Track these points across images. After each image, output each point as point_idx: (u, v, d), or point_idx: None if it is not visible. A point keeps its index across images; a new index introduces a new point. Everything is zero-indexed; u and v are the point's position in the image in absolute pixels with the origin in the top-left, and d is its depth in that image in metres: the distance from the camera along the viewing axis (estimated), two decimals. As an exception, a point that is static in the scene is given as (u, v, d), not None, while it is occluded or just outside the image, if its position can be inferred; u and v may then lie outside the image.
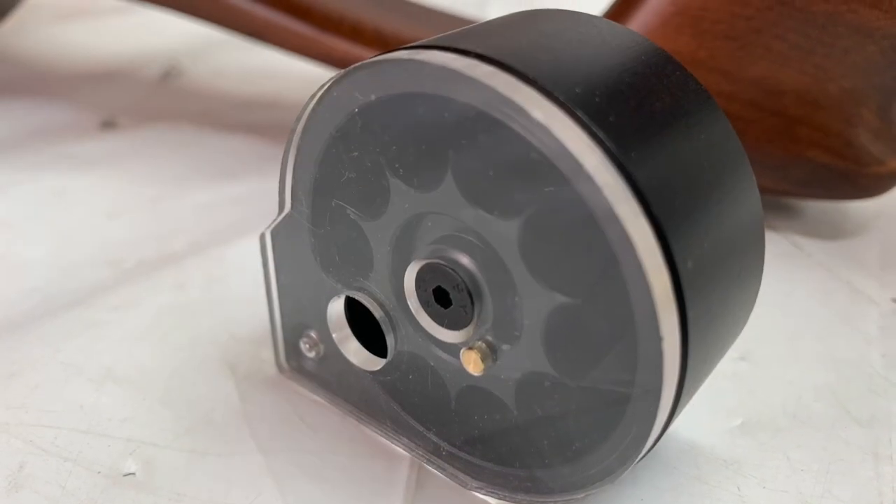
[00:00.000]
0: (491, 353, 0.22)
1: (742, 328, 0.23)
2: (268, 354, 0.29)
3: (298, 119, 0.23)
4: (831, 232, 0.39)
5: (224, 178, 0.43)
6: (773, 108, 0.34)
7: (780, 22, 0.33)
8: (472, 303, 0.21)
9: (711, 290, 0.20)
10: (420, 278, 0.22)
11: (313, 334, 0.27)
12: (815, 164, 0.35)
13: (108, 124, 0.49)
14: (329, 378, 0.27)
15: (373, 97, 0.21)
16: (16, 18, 0.64)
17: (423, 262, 0.22)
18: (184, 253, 0.36)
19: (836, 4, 0.32)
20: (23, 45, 0.63)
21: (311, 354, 0.27)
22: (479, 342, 0.22)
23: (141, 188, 0.42)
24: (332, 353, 0.26)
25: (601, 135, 0.18)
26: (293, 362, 0.28)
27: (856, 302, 0.33)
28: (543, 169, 0.18)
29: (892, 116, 0.35)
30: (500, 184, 0.19)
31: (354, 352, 0.26)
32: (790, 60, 0.33)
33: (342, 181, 0.23)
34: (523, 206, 0.19)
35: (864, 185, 0.35)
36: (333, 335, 0.26)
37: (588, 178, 0.18)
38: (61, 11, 0.69)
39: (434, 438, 0.25)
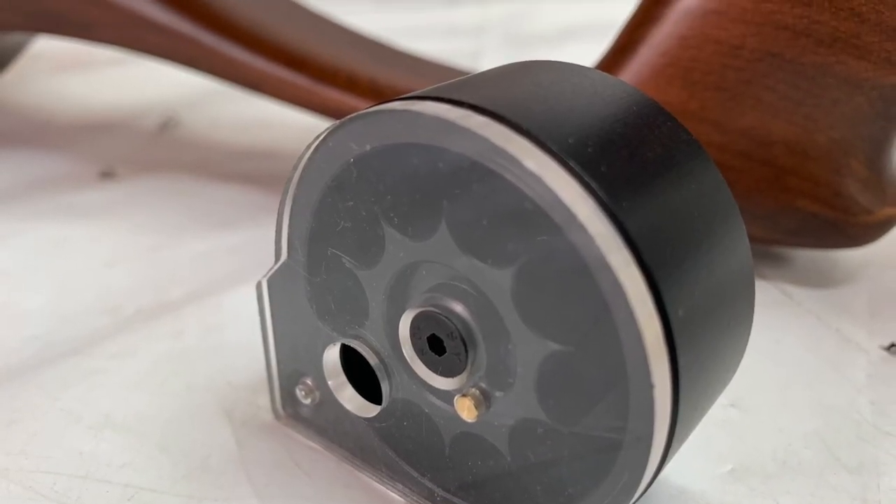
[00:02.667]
0: (484, 400, 0.22)
1: (732, 375, 0.23)
2: (264, 401, 0.29)
3: (295, 168, 0.24)
4: (821, 280, 0.39)
5: (221, 227, 0.43)
6: (763, 158, 0.34)
7: (770, 73, 0.33)
8: (466, 350, 0.22)
9: (702, 338, 0.20)
10: (415, 326, 0.23)
11: (309, 381, 0.27)
12: (804, 213, 0.35)
13: (107, 174, 0.50)
14: (325, 424, 0.27)
15: (368, 147, 0.21)
16: (15, 70, 0.65)
17: (417, 311, 0.22)
18: (181, 301, 0.36)
19: (825, 56, 0.32)
20: (22, 96, 0.63)
21: (307, 401, 0.27)
22: (473, 389, 0.22)
23: (139, 237, 0.42)
24: (328, 400, 0.26)
25: (593, 185, 0.18)
26: (289, 409, 0.28)
27: (845, 349, 0.33)
28: (536, 218, 0.19)
29: (881, 166, 0.36)
30: (493, 233, 0.20)
31: (350, 399, 0.26)
32: (780, 111, 0.34)
33: (338, 230, 0.23)
34: (516, 255, 0.20)
35: (853, 234, 0.36)
36: (329, 382, 0.26)
37: (580, 228, 0.18)
38: (60, 63, 0.69)
39: (429, 484, 0.25)
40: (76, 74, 0.68)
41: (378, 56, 0.47)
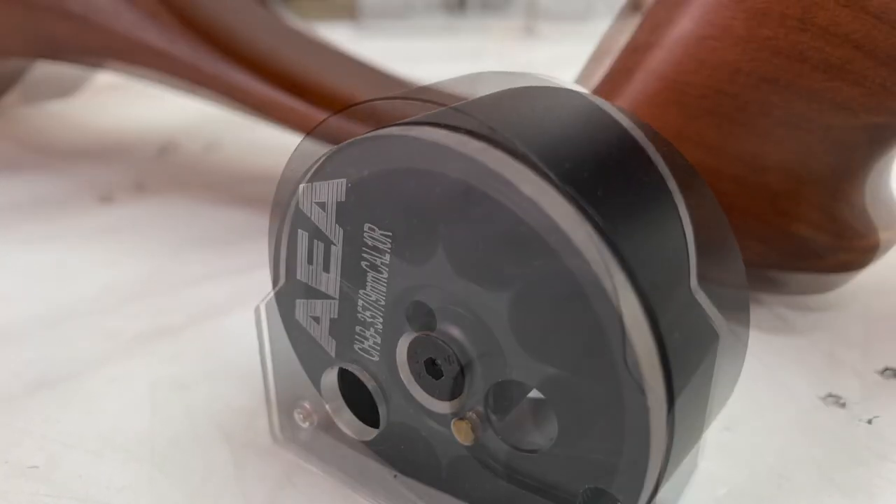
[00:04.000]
0: (481, 424, 0.22)
1: (727, 399, 0.23)
2: (263, 424, 0.29)
3: (292, 193, 0.24)
4: (815, 304, 0.39)
5: (220, 251, 0.43)
6: (758, 183, 0.34)
7: (765, 99, 0.33)
8: (463, 374, 0.22)
9: (697, 362, 0.20)
10: (412, 350, 0.23)
11: (307, 405, 0.27)
12: (799, 238, 0.35)
13: (107, 199, 0.50)
14: (323, 447, 0.27)
15: (365, 172, 0.21)
16: (15, 94, 0.65)
17: (414, 335, 0.22)
18: (180, 325, 0.36)
19: (819, 82, 0.33)
20: (22, 120, 0.63)
21: (305, 424, 0.27)
22: (470, 413, 0.22)
23: (138, 261, 0.42)
24: (326, 423, 0.26)
25: (590, 209, 0.19)
26: (287, 432, 0.28)
27: (839, 373, 0.33)
28: (533, 243, 0.19)
29: (875, 191, 0.36)
30: (490, 257, 0.20)
31: (347, 422, 0.26)
32: (774, 136, 0.34)
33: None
34: (513, 279, 0.20)
35: (847, 258, 0.36)
36: (327, 406, 0.26)
37: (576, 252, 0.18)
38: (60, 88, 0.70)
39: (426, 508, 0.25)
40: (76, 99, 0.69)
41: (376, 82, 0.47)
